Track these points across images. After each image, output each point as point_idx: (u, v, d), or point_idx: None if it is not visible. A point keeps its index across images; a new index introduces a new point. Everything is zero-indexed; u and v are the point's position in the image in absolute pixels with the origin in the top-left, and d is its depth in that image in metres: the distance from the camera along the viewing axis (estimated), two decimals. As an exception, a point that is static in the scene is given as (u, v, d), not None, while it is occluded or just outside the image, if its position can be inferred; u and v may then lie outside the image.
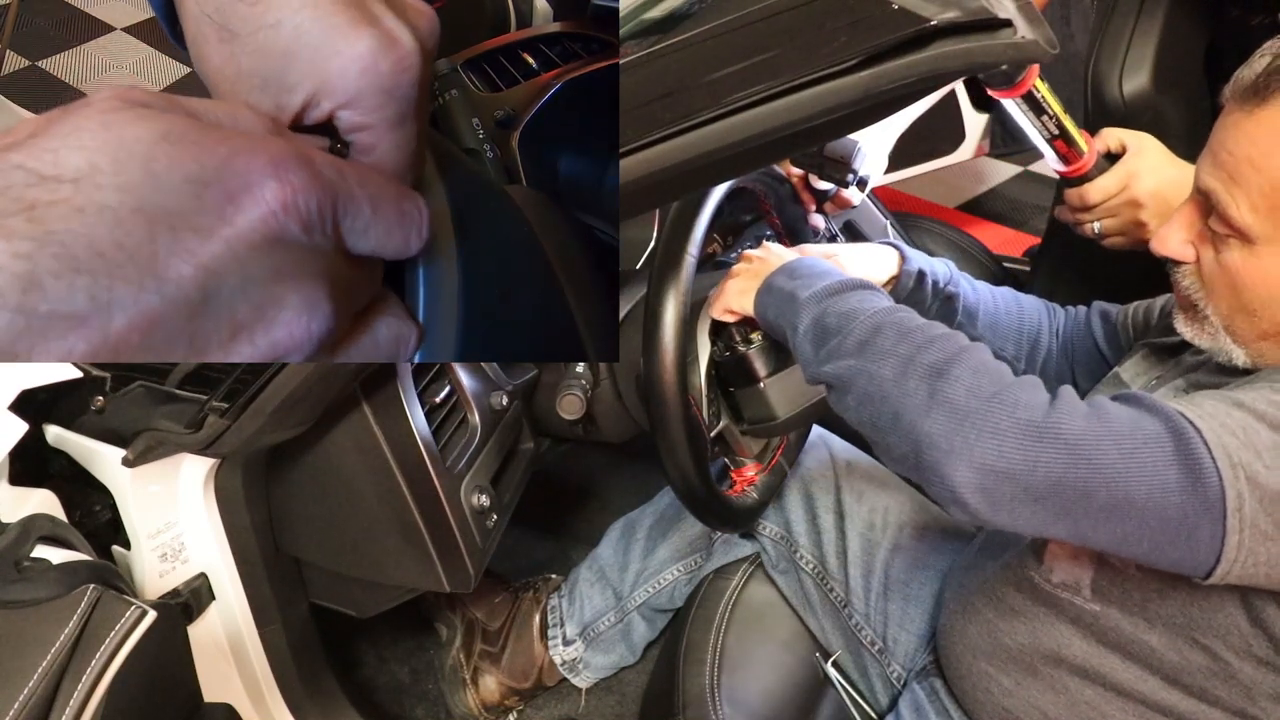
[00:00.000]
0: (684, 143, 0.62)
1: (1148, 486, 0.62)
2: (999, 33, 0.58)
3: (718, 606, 1.17)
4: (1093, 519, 0.64)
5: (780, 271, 0.90)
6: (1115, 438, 0.62)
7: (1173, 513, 0.62)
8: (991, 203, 2.73)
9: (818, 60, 0.58)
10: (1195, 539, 0.63)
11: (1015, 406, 0.63)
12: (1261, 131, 0.70)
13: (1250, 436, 0.63)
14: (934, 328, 0.74)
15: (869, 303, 0.79)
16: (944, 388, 0.66)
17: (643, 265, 1.32)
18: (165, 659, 0.87)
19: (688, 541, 1.34)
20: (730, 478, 1.13)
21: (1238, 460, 0.62)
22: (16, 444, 0.86)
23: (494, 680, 1.40)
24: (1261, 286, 0.73)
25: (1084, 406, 0.65)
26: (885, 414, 0.70)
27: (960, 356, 0.68)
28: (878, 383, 0.71)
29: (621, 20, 0.80)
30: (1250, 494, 0.61)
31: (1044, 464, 0.62)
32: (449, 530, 1.03)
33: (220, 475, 0.98)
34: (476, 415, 1.13)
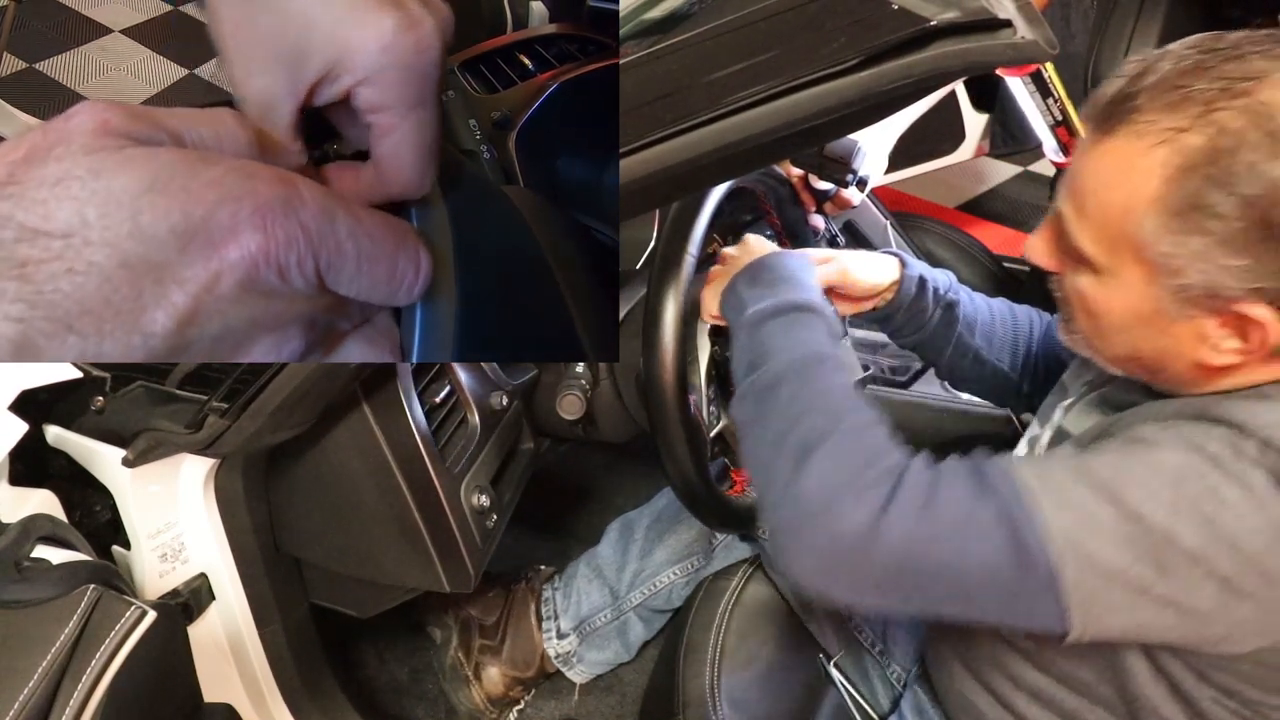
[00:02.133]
0: (684, 143, 0.62)
1: (980, 575, 0.62)
2: (999, 33, 0.58)
3: (718, 607, 1.17)
4: (937, 604, 0.65)
5: (744, 273, 0.86)
6: (946, 534, 0.62)
7: (1011, 594, 0.63)
8: (991, 203, 2.73)
9: (818, 60, 0.59)
10: (1039, 614, 0.63)
11: (857, 506, 0.63)
12: (1104, 164, 0.67)
13: (1090, 512, 0.62)
14: (828, 392, 0.72)
15: (795, 338, 0.77)
16: (800, 477, 0.65)
17: (643, 265, 1.32)
18: (165, 659, 0.87)
19: (685, 544, 1.34)
20: (730, 478, 1.13)
21: (1074, 540, 0.61)
22: (16, 444, 0.86)
23: (497, 672, 1.40)
24: (1109, 315, 0.72)
25: (920, 496, 0.63)
26: (758, 478, 0.72)
27: (829, 437, 0.67)
28: (759, 445, 0.72)
29: (621, 20, 0.81)
30: (1088, 572, 0.61)
31: (878, 566, 0.63)
32: (449, 530, 1.03)
33: (220, 475, 0.98)
34: (476, 415, 1.13)
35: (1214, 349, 0.67)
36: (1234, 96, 0.61)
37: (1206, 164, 0.61)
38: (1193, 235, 0.63)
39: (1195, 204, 0.62)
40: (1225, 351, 0.67)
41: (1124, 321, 0.71)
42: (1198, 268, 0.63)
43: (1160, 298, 0.67)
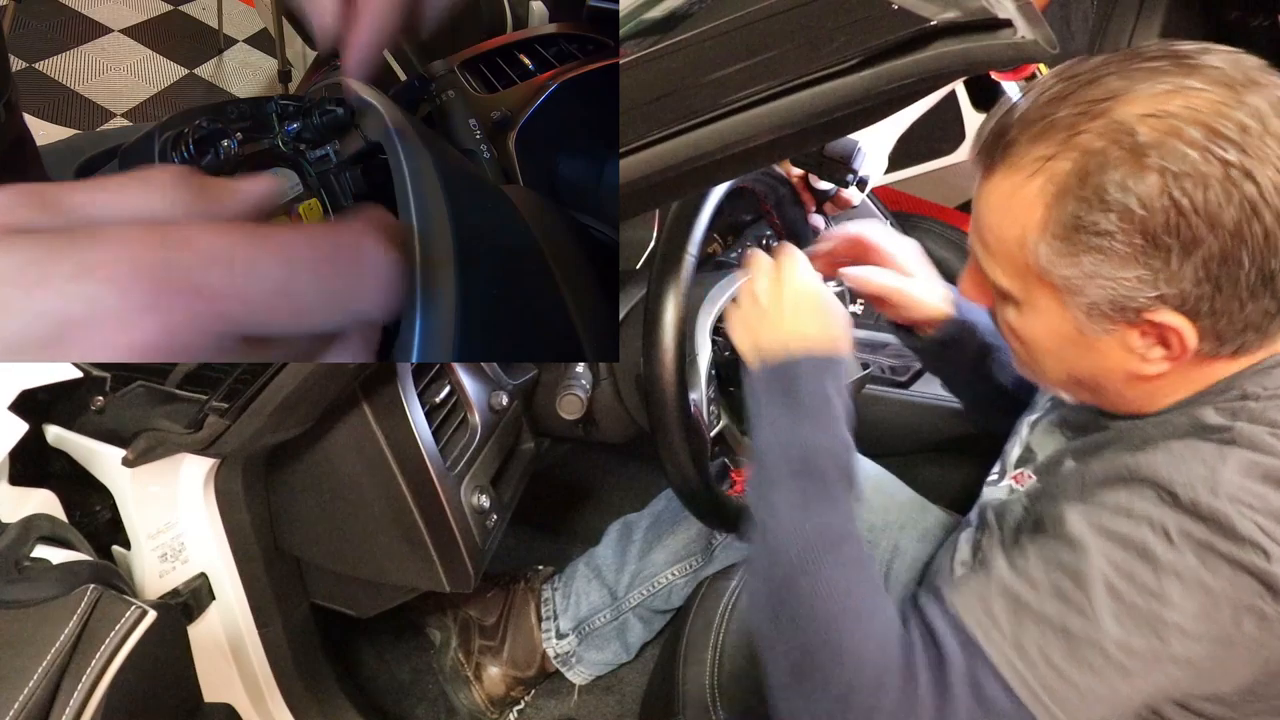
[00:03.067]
0: (684, 143, 0.62)
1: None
2: (999, 33, 0.58)
3: (718, 607, 1.17)
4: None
5: (769, 373, 0.80)
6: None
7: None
8: (991, 203, 2.72)
9: (818, 60, 0.59)
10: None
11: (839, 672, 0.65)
12: (994, 200, 0.69)
13: (1043, 652, 0.63)
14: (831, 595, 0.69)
15: (811, 514, 0.72)
16: (792, 696, 0.68)
17: (643, 265, 1.32)
18: (165, 659, 0.87)
19: (684, 545, 1.34)
20: (730, 478, 1.13)
21: (1037, 683, 0.62)
22: (16, 444, 0.86)
23: (498, 672, 1.41)
24: (1037, 341, 0.73)
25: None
26: (757, 626, 0.72)
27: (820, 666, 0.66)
28: (759, 599, 0.72)
29: (621, 20, 0.81)
30: (1060, 698, 0.62)
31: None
32: (449, 530, 1.03)
33: (220, 475, 0.98)
34: (476, 415, 1.13)
35: (1143, 359, 0.69)
36: (1093, 118, 0.63)
37: (1078, 186, 0.63)
38: (1083, 255, 0.65)
39: (1077, 226, 0.64)
40: (1154, 360, 0.68)
41: (1052, 345, 0.72)
42: (1097, 284, 0.65)
43: (1076, 318, 0.68)
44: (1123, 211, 0.62)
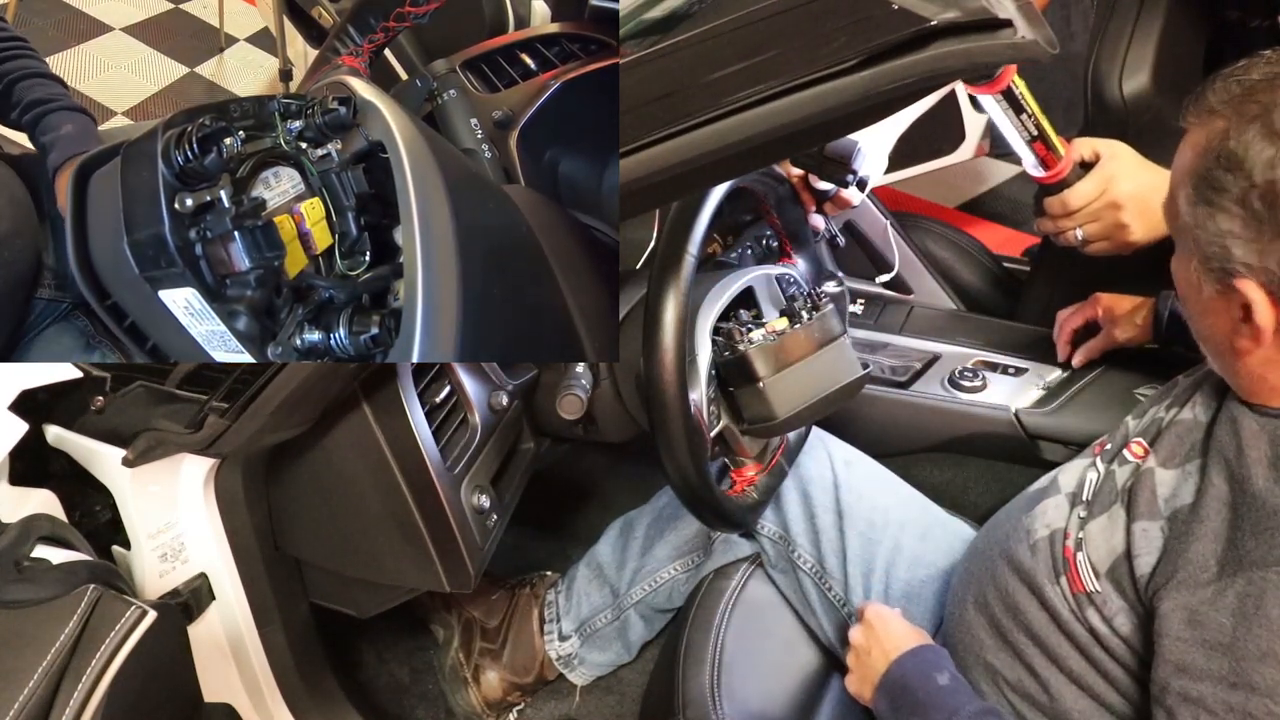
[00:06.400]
0: (684, 143, 0.61)
1: None
2: (999, 33, 0.58)
3: (718, 606, 1.17)
4: None
5: (883, 693, 0.92)
6: None
7: None
8: (991, 203, 2.72)
9: (818, 60, 0.58)
10: None
11: None
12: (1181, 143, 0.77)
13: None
14: None
15: None
16: None
17: (643, 265, 1.32)
18: (165, 659, 0.87)
19: (685, 540, 1.34)
20: (730, 478, 1.13)
21: None
22: (16, 444, 0.86)
23: (496, 676, 1.41)
24: (1179, 288, 0.80)
25: None
26: None
27: None
28: None
29: (621, 20, 0.80)
30: None
31: None
32: (449, 530, 1.03)
33: (220, 475, 0.98)
34: (476, 415, 1.13)
35: (1236, 332, 0.73)
36: (1272, 91, 0.68)
37: (1220, 143, 0.69)
38: (1202, 206, 0.72)
39: (1207, 176, 0.71)
40: (1245, 337, 0.72)
41: (1185, 292, 0.79)
42: (1208, 237, 0.71)
43: (1196, 268, 0.74)
44: (1241, 173, 0.68)
